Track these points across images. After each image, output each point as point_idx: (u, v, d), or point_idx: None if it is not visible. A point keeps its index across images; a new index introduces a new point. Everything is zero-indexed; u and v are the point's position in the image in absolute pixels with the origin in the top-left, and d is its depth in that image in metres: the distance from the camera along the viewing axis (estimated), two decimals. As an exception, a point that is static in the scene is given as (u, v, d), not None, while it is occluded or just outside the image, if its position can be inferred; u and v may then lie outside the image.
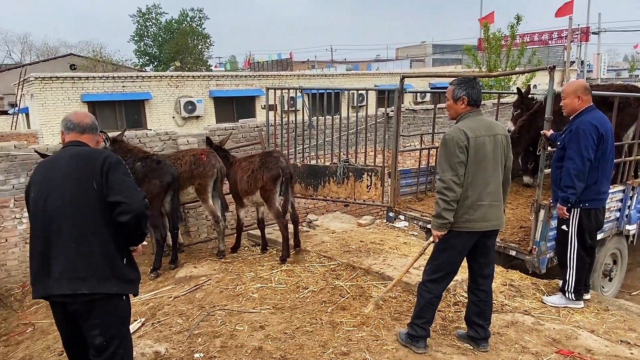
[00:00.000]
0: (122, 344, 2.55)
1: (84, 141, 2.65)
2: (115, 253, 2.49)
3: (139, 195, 2.49)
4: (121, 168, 2.54)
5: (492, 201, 3.17)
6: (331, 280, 4.79)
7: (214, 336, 3.79)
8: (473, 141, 3.08)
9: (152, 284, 5.48)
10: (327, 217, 7.25)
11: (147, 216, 2.52)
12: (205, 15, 41.76)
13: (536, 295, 4.41)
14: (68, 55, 34.87)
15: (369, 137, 6.73)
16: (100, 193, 2.44)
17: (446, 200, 3.09)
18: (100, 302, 2.45)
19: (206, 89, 16.67)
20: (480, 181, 3.13)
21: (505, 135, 3.26)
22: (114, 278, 2.47)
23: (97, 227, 2.45)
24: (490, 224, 3.19)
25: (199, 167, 5.64)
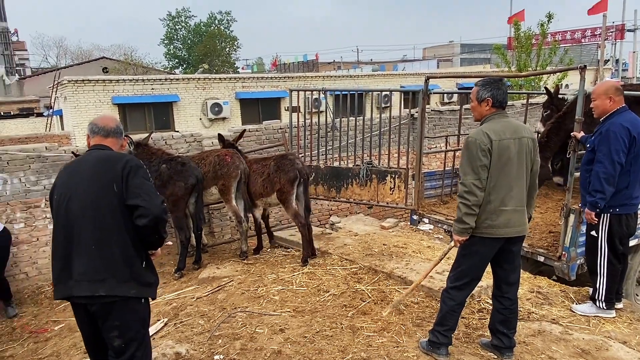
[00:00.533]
0: (141, 347, 2.58)
1: (108, 145, 2.69)
2: (134, 256, 2.53)
3: (157, 200, 2.51)
4: (141, 172, 2.56)
5: (516, 206, 3.07)
6: (352, 283, 4.75)
7: (234, 338, 3.80)
8: (497, 144, 2.99)
9: (176, 284, 5.55)
10: (350, 219, 7.21)
11: (165, 220, 2.54)
12: (233, 18, 42.45)
13: (565, 304, 4.25)
14: (100, 58, 35.85)
15: (393, 138, 6.64)
16: (120, 196, 2.48)
17: (467, 204, 3.01)
18: (119, 305, 2.48)
19: (232, 90, 16.84)
20: (504, 185, 3.04)
21: (532, 138, 3.16)
22: (132, 281, 2.50)
23: (117, 230, 2.48)
24: (514, 230, 3.09)
25: (223, 168, 5.69)
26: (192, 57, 41.40)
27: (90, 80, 14.69)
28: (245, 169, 5.78)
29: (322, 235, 6.43)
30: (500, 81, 3.18)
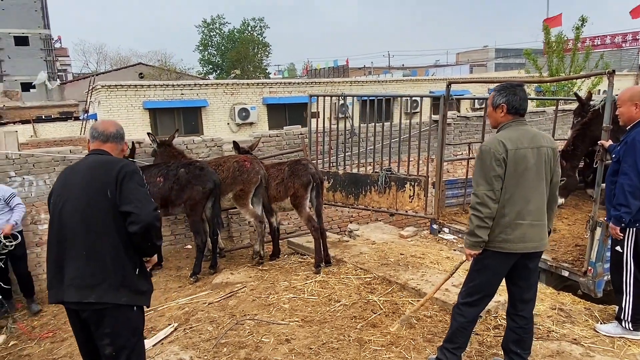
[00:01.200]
0: (132, 355, 2.54)
1: (107, 150, 2.68)
2: (127, 263, 2.49)
3: (149, 206, 2.47)
4: (136, 178, 2.53)
5: (533, 220, 2.88)
6: (365, 294, 4.63)
7: (240, 347, 3.75)
8: (512, 153, 2.82)
9: (191, 288, 5.56)
10: (369, 227, 7.08)
11: (157, 227, 2.50)
12: (266, 25, 42.89)
13: (588, 323, 4.00)
14: (137, 64, 36.93)
15: (416, 145, 6.49)
16: (113, 202, 2.45)
17: (480, 217, 2.85)
18: (110, 312, 2.45)
19: (260, 96, 16.98)
20: (520, 198, 2.86)
21: (552, 147, 2.96)
22: (124, 288, 2.46)
23: (109, 236, 2.46)
24: (530, 245, 2.89)
25: (243, 174, 5.68)
26: (225, 63, 42.08)
27: (123, 85, 15.10)
28: (265, 175, 5.77)
29: (339, 243, 6.32)
30: (519, 86, 2.99)
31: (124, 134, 2.80)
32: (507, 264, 2.98)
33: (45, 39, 39.61)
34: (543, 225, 2.95)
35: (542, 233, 2.97)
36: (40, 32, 39.01)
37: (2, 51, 37.48)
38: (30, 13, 38.31)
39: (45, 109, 29.32)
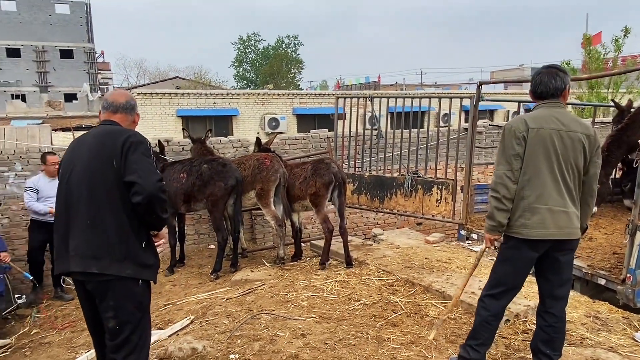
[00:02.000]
0: (137, 330, 2.48)
1: (116, 120, 2.61)
2: (131, 235, 2.44)
3: (153, 177, 2.41)
4: (142, 148, 2.46)
5: (554, 206, 2.69)
6: (386, 295, 4.47)
7: (254, 339, 3.66)
8: (534, 132, 2.67)
9: (211, 284, 5.52)
10: (394, 232, 6.90)
11: (161, 199, 2.43)
12: (300, 42, 43.50)
13: (627, 331, 3.72)
14: (174, 78, 38.09)
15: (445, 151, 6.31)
16: (118, 172, 2.40)
17: (497, 197, 2.72)
18: (114, 284, 2.40)
19: (290, 106, 17.11)
20: (541, 181, 2.69)
21: (588, 135, 2.74)
22: (128, 260, 2.41)
23: (114, 207, 2.41)
24: (551, 232, 2.69)
25: (262, 172, 5.65)
26: (258, 78, 42.85)
27: (158, 93, 15.52)
28: (285, 174, 5.72)
29: (362, 246, 6.17)
30: (545, 69, 2.82)
31: (135, 104, 2.73)
32: (532, 253, 2.79)
33: (89, 53, 41.37)
34: (568, 213, 2.73)
35: (567, 221, 2.73)
36: (84, 46, 40.80)
37: (48, 63, 39.33)
38: (76, 28, 40.18)
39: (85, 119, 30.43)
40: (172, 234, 6.12)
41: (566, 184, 2.73)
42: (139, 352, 2.51)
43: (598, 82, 12.71)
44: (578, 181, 2.79)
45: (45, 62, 39.43)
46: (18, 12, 38.22)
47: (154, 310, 4.95)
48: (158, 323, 4.53)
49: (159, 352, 3.52)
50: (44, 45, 39.11)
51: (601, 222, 6.16)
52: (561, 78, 2.77)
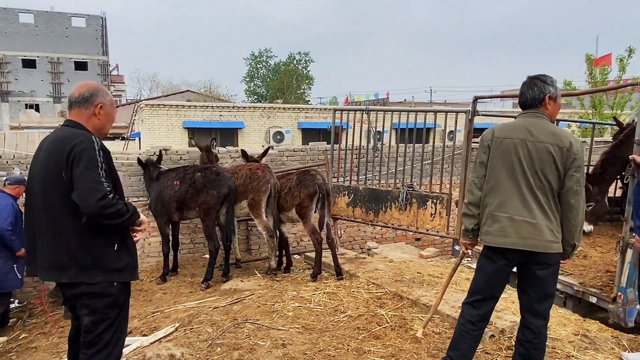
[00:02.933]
0: (110, 328, 2.46)
1: (73, 118, 2.45)
2: (97, 243, 2.38)
3: (94, 196, 2.25)
4: (85, 158, 2.29)
5: (516, 215, 2.66)
6: (373, 307, 4.42)
7: (234, 348, 3.63)
8: (499, 142, 2.72)
9: (201, 293, 5.51)
10: (389, 246, 6.86)
11: (106, 216, 2.30)
12: (311, 59, 43.90)
13: (615, 351, 3.63)
14: (185, 91, 38.52)
15: (446, 167, 6.31)
16: (69, 183, 2.30)
17: (465, 203, 2.85)
18: (86, 287, 2.39)
19: (295, 120, 17.22)
20: (501, 189, 2.71)
21: (560, 146, 2.65)
22: (96, 268, 2.37)
23: (72, 218, 2.33)
24: (511, 241, 2.66)
25: (253, 182, 5.66)
26: (269, 94, 43.26)
27: (165, 105, 15.72)
28: (276, 184, 5.73)
29: (355, 259, 6.14)
30: (530, 78, 2.81)
31: (93, 94, 2.46)
32: (499, 261, 2.77)
33: (103, 65, 42.18)
34: (535, 225, 2.65)
35: (533, 232, 2.66)
36: (99, 59, 41.63)
37: (62, 75, 40.13)
38: (91, 41, 41.06)
39: (97, 130, 30.86)
40: (165, 243, 6.14)
41: (534, 195, 2.67)
42: (110, 350, 2.48)
43: (601, 101, 12.66)
44: (551, 193, 2.69)
45: (60, 74, 40.24)
46: (35, 24, 39.19)
47: (142, 317, 4.94)
48: (144, 330, 4.51)
49: (137, 358, 3.51)
50: (59, 57, 39.96)
51: (598, 240, 6.06)
52: (539, 88, 2.74)
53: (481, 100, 6.09)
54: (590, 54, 13.03)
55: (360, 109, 6.49)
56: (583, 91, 7.37)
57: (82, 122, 2.46)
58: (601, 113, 12.43)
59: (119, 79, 52.75)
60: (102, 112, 2.50)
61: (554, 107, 2.82)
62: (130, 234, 2.56)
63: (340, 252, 6.56)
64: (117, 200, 2.37)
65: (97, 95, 2.48)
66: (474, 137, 5.66)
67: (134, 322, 4.84)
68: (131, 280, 2.58)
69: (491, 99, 15.81)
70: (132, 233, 2.57)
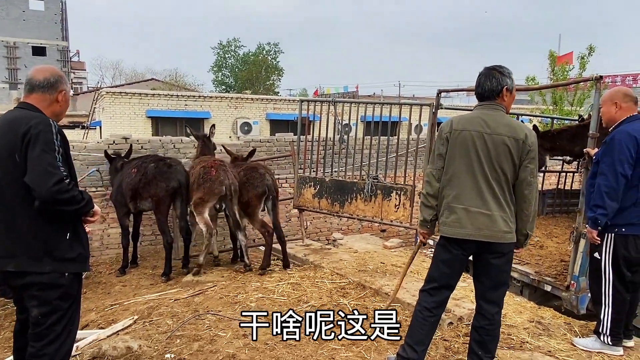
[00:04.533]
0: (61, 321, 2.37)
1: (32, 102, 2.36)
2: (49, 231, 2.30)
3: (49, 180, 2.17)
4: (41, 140, 2.20)
5: (471, 206, 2.71)
6: (336, 297, 4.44)
7: (194, 339, 3.58)
8: (456, 134, 2.75)
9: (162, 285, 5.42)
10: (354, 237, 6.91)
11: (61, 202, 2.23)
12: (280, 50, 43.31)
13: (567, 337, 3.77)
14: (150, 80, 37.54)
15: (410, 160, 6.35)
16: (23, 167, 2.21)
17: (423, 194, 2.88)
18: (35, 277, 2.29)
19: (263, 111, 17.06)
20: (458, 181, 2.75)
21: (516, 138, 2.69)
22: (47, 257, 2.29)
23: (24, 204, 2.25)
24: (467, 232, 2.71)
25: (206, 182, 5.35)
26: (237, 84, 42.54)
27: (127, 92, 15.26)
28: (231, 185, 5.42)
29: (321, 250, 6.16)
30: (488, 69, 2.82)
31: (58, 80, 2.40)
32: (455, 251, 2.82)
33: (63, 51, 40.52)
34: (491, 216, 2.71)
35: (489, 223, 2.71)
36: (58, 44, 39.94)
37: (19, 60, 38.35)
38: (50, 25, 39.32)
39: (56, 118, 29.75)
40: (124, 235, 5.97)
41: (490, 187, 2.71)
42: (60, 343, 2.39)
43: (562, 97, 13.09)
44: (506, 185, 2.74)
45: (17, 59, 38.43)
46: (-10, 6, 37.23)
47: (99, 310, 4.81)
48: (101, 323, 4.39)
49: (92, 351, 3.40)
50: (16, 42, 38.15)
51: (554, 231, 6.29)
52: (497, 79, 2.77)
53: (445, 94, 6.18)
54: (553, 51, 13.43)
55: (327, 100, 6.47)
56: (542, 86, 7.59)
57: (41, 107, 2.37)
58: (562, 109, 12.86)
59: (80, 66, 50.80)
60: (63, 98, 2.46)
61: (510, 99, 2.87)
62: (82, 224, 2.47)
63: (305, 244, 6.57)
64: (72, 186, 2.29)
65: (62, 81, 2.45)
66: (437, 130, 5.75)
67: (91, 315, 4.71)
68: (83, 271, 2.49)
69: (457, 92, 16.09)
70: (85, 223, 2.49)
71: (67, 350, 2.47)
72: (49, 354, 2.35)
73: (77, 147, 6.51)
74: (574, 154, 5.74)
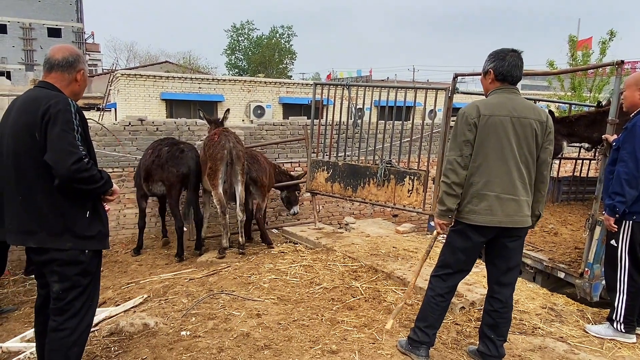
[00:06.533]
0: (81, 296, 2.43)
1: (51, 81, 2.38)
2: (69, 208, 2.33)
3: (68, 159, 2.19)
4: (61, 119, 2.21)
5: (503, 193, 2.68)
6: (348, 280, 4.48)
7: (209, 318, 3.64)
8: (485, 119, 2.65)
9: (177, 265, 5.51)
10: (366, 221, 6.92)
11: (81, 180, 2.24)
12: (294, 33, 42.93)
13: (579, 323, 3.77)
14: (164, 62, 37.56)
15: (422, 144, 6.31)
16: (42, 145, 2.23)
17: (447, 183, 2.73)
18: (56, 253, 2.34)
19: (277, 95, 17.00)
20: (490, 167, 2.68)
21: (540, 120, 2.72)
22: (67, 234, 2.33)
23: (44, 182, 2.28)
24: (498, 219, 2.69)
25: (210, 149, 5.36)
26: (250, 67, 42.37)
27: (142, 75, 15.31)
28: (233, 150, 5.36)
29: (333, 234, 6.19)
30: (511, 52, 2.78)
31: (76, 60, 2.42)
32: (479, 238, 2.79)
33: (77, 32, 40.68)
34: (519, 201, 2.71)
35: (517, 209, 2.72)
36: (73, 25, 40.09)
37: (35, 41, 38.60)
38: (65, 6, 39.43)
39: (72, 100, 29.97)
40: (141, 217, 6.07)
41: (519, 172, 2.71)
42: (80, 318, 2.46)
43: (581, 83, 12.83)
44: (533, 168, 2.77)
45: (32, 40, 38.69)
46: (5, -13, 37.38)
47: (116, 288, 4.92)
48: (118, 301, 4.49)
49: (110, 327, 3.49)
50: (31, 23, 38.36)
51: (569, 218, 6.23)
52: (522, 67, 2.80)
53: (461, 78, 6.10)
54: (573, 35, 13.10)
55: (341, 84, 6.43)
56: (561, 70, 7.46)
57: (61, 86, 2.41)
58: (580, 95, 12.60)
59: (95, 48, 50.94)
60: (82, 77, 2.50)
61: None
62: (102, 203, 2.51)
63: (318, 227, 6.60)
64: (91, 165, 2.33)
65: (80, 60, 2.46)
66: (453, 115, 5.69)
67: (108, 293, 4.81)
68: (102, 249, 2.54)
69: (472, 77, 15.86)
70: (104, 202, 2.53)
71: (87, 325, 2.54)
72: (69, 328, 2.42)
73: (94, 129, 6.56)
74: (592, 141, 5.65)
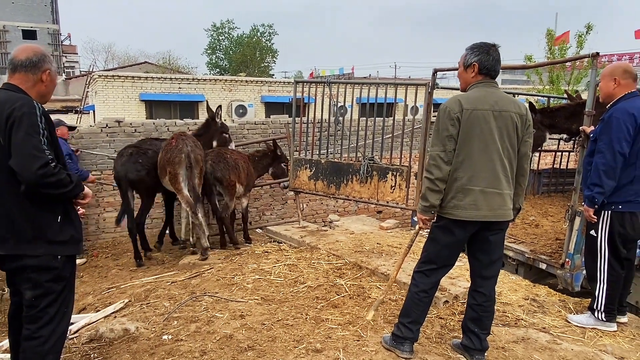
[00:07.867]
0: (55, 303, 2.36)
1: (15, 83, 2.30)
2: (39, 214, 2.27)
3: (33, 164, 2.13)
4: (25, 123, 2.14)
5: (487, 187, 2.68)
6: (333, 277, 4.46)
7: (191, 321, 3.58)
8: (468, 114, 2.63)
9: (159, 268, 5.42)
10: (350, 218, 6.90)
11: (47, 185, 2.19)
12: (275, 31, 42.66)
13: (561, 313, 3.81)
14: (143, 63, 37.04)
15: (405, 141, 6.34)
16: (9, 150, 2.16)
17: (430, 179, 2.70)
18: (28, 260, 2.27)
19: (258, 94, 16.90)
20: (474, 162, 2.66)
21: (520, 114, 2.72)
22: (38, 240, 2.27)
23: (12, 188, 2.20)
24: (482, 213, 2.68)
25: (167, 153, 5.27)
26: (231, 66, 42.01)
27: (120, 76, 15.06)
28: (191, 154, 5.26)
29: (317, 232, 6.16)
30: (493, 46, 2.78)
31: (41, 59, 2.33)
32: (463, 233, 2.79)
33: (54, 34, 39.85)
34: (502, 195, 2.72)
35: (501, 202, 2.72)
36: (49, 27, 39.25)
37: (9, 44, 37.71)
38: (40, 7, 38.60)
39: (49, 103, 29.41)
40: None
41: (503, 165, 2.70)
42: (55, 325, 2.39)
43: (559, 77, 13.03)
44: (515, 162, 2.78)
45: (7, 43, 37.78)
46: (-23, -12, 36.45)
47: (96, 293, 4.81)
48: (98, 306, 4.39)
49: (90, 333, 3.41)
50: (5, 25, 37.48)
51: (550, 210, 6.30)
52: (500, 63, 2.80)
53: (442, 73, 6.11)
54: (551, 29, 13.28)
55: (322, 81, 6.40)
56: (539, 64, 7.56)
57: (26, 87, 2.32)
58: (558, 88, 12.79)
59: (72, 49, 49.95)
60: (48, 78, 2.40)
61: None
62: (74, 207, 2.44)
63: (302, 225, 6.57)
64: (59, 170, 2.25)
65: (45, 60, 2.37)
66: (433, 110, 5.70)
67: (89, 299, 4.71)
68: (75, 254, 2.47)
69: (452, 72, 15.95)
70: (76, 206, 2.46)
71: (62, 332, 2.47)
72: (44, 336, 2.35)
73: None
74: (571, 132, 5.73)
